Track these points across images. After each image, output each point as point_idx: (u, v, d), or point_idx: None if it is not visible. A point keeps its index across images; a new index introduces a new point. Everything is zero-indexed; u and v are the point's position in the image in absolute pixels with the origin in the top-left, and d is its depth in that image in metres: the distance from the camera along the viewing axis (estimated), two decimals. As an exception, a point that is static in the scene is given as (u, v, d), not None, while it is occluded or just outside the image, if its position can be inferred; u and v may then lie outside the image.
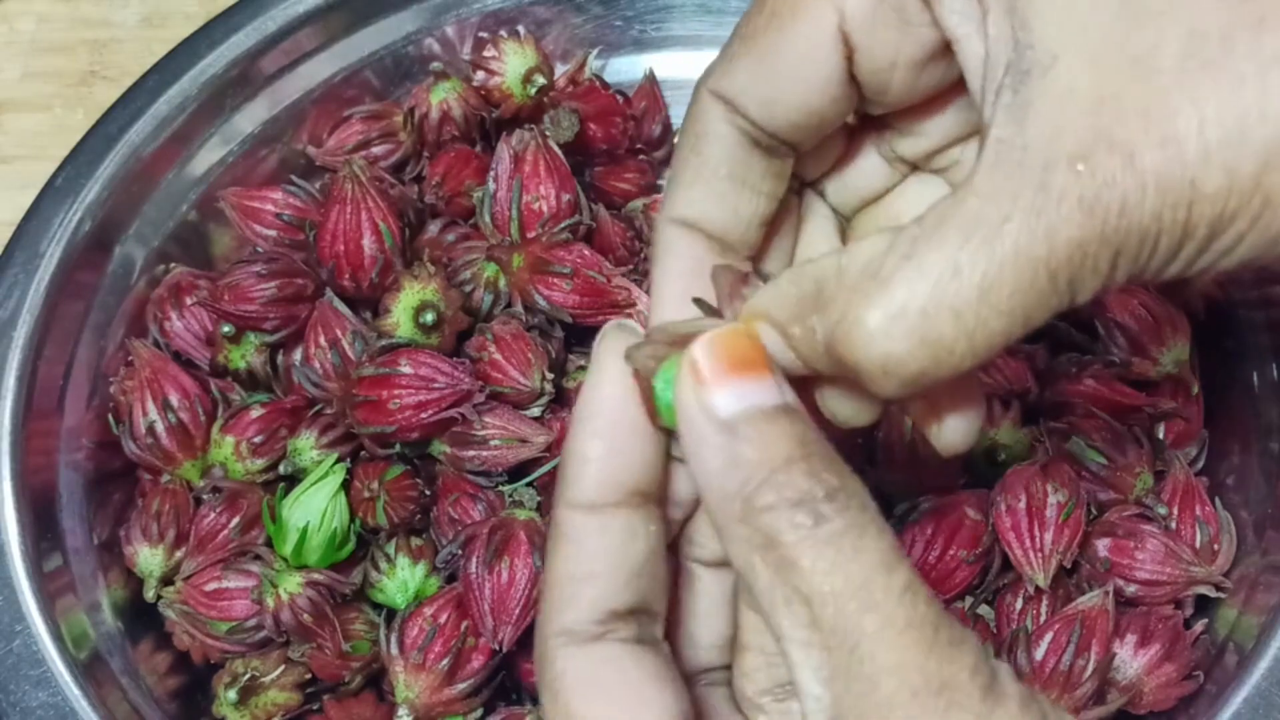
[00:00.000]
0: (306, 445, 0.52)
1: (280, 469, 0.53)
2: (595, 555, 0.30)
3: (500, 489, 0.52)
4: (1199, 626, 0.50)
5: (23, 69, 0.72)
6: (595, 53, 0.64)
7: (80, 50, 0.72)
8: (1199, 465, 0.55)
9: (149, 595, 0.52)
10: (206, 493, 0.53)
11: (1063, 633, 0.48)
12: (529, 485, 0.52)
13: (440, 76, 0.60)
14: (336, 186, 0.53)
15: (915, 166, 0.36)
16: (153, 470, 0.54)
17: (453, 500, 0.51)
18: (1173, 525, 0.51)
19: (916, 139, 0.35)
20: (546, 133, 0.56)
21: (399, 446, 0.51)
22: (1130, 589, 0.50)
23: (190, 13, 0.72)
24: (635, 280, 0.54)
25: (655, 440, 0.31)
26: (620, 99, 0.60)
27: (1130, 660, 0.49)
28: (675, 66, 0.65)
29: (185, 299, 0.56)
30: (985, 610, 0.52)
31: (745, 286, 0.30)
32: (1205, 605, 0.51)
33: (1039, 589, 0.49)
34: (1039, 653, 0.47)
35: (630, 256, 0.57)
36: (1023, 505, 0.49)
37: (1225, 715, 0.45)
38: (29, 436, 0.51)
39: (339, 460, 0.52)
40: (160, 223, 0.58)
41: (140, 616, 0.52)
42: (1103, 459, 0.52)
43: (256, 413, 0.53)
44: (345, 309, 0.53)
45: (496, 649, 0.48)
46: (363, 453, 0.53)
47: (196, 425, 0.54)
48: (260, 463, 0.53)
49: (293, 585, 0.49)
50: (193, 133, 0.58)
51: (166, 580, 0.52)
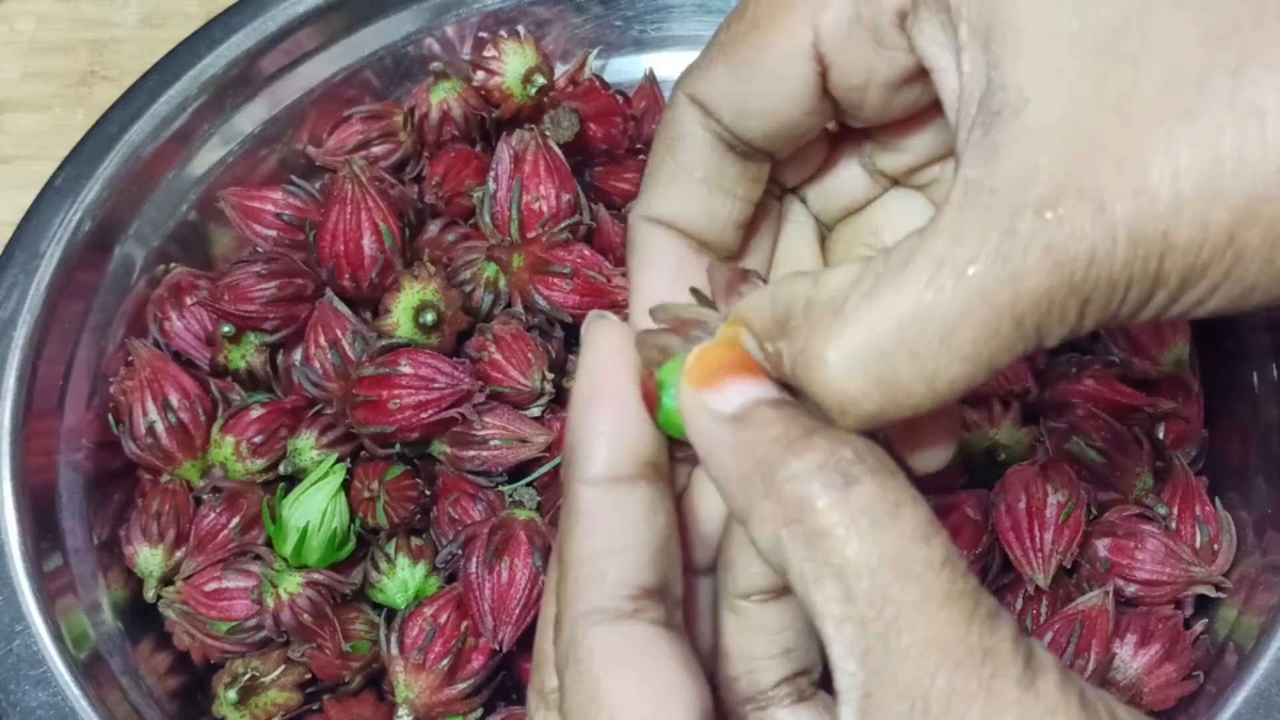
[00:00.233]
0: (306, 445, 0.52)
1: (280, 469, 0.53)
2: (620, 530, 0.29)
3: (500, 489, 0.52)
4: (1199, 626, 0.50)
5: (23, 69, 0.72)
6: (595, 53, 0.64)
7: (80, 50, 0.72)
8: (1199, 465, 0.55)
9: (149, 595, 0.52)
10: (206, 493, 0.53)
11: (1063, 633, 0.48)
12: (529, 485, 0.52)
13: (440, 76, 0.60)
14: (336, 186, 0.53)
15: (897, 181, 0.36)
16: (153, 470, 0.54)
17: (453, 500, 0.51)
18: (1173, 525, 0.51)
19: (897, 154, 0.34)
20: (546, 133, 0.56)
21: (399, 446, 0.51)
22: (1130, 589, 0.50)
23: (190, 13, 0.72)
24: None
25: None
26: (620, 99, 0.60)
27: (1130, 660, 0.49)
28: (675, 66, 0.65)
29: (185, 299, 0.56)
30: (985, 610, 0.51)
31: (743, 284, 0.30)
32: (1205, 605, 0.51)
33: (1039, 589, 0.49)
34: (1034, 639, 0.47)
35: (630, 256, 0.57)
36: (1023, 505, 0.49)
37: (1225, 715, 0.45)
38: (29, 436, 0.51)
39: (339, 460, 0.52)
40: (160, 223, 0.58)
41: (140, 616, 0.52)
42: (1103, 459, 0.52)
43: (256, 413, 0.53)
44: (345, 309, 0.53)
45: (496, 649, 0.48)
46: (363, 453, 0.53)
47: (196, 425, 0.54)
48: (260, 463, 0.53)
49: (293, 585, 0.49)
50: (193, 133, 0.58)
51: (166, 580, 0.52)
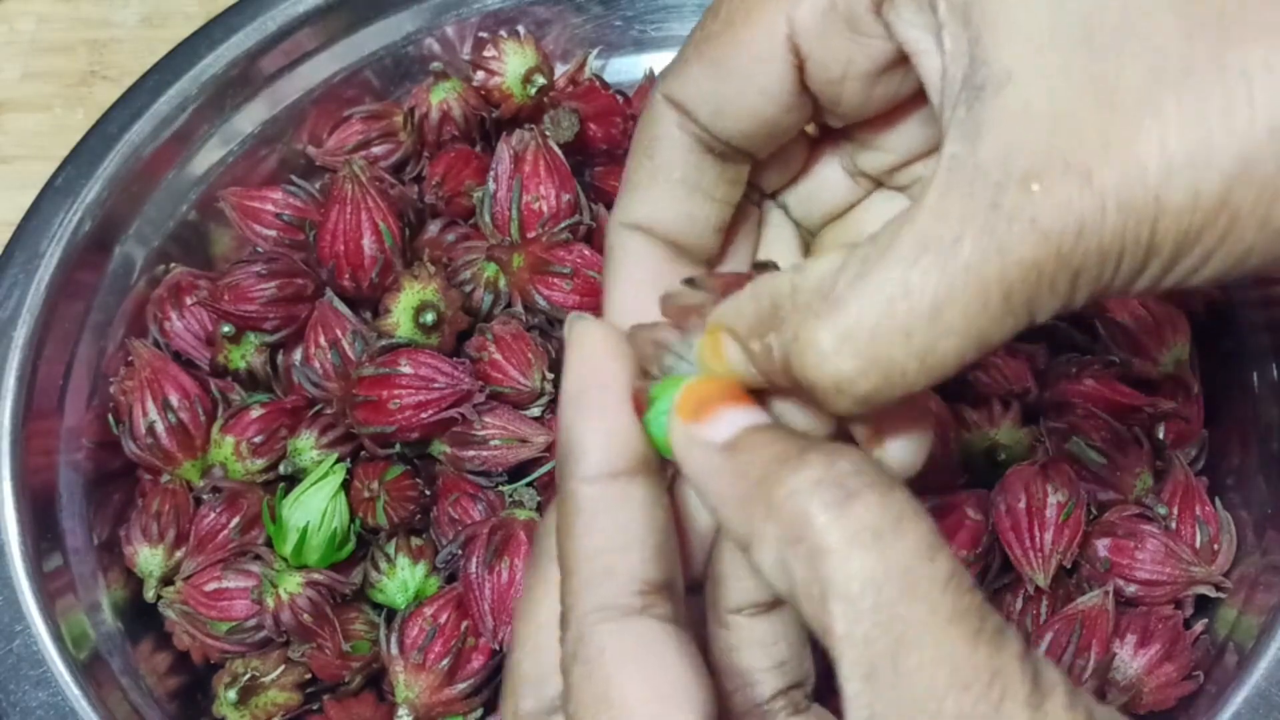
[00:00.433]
0: (306, 445, 0.52)
1: (280, 469, 0.53)
2: (623, 525, 0.29)
3: (500, 489, 0.52)
4: (1199, 626, 0.50)
5: (23, 69, 0.72)
6: (595, 53, 0.64)
7: (80, 50, 0.72)
8: (1199, 465, 0.54)
9: (149, 595, 0.52)
10: (206, 493, 0.53)
11: (1063, 633, 0.48)
12: (529, 485, 0.52)
13: (440, 76, 0.60)
14: (336, 186, 0.53)
15: (879, 183, 0.35)
16: (153, 470, 0.54)
17: (453, 500, 0.51)
18: (1173, 525, 0.51)
19: (877, 153, 0.34)
20: (546, 133, 0.56)
21: (399, 446, 0.51)
22: (1130, 589, 0.50)
23: (190, 13, 0.72)
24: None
25: None
26: (620, 99, 0.60)
27: (1130, 660, 0.49)
28: (675, 67, 0.65)
29: (185, 299, 0.56)
30: (985, 610, 0.51)
31: (743, 283, 0.30)
32: (1205, 605, 0.51)
33: (1039, 589, 0.49)
34: (1039, 652, 0.47)
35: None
36: (1023, 505, 0.49)
37: (1225, 715, 0.45)
38: (29, 436, 0.51)
39: (339, 460, 0.52)
40: (160, 223, 0.58)
41: (140, 616, 0.52)
42: (1103, 459, 0.52)
43: (256, 413, 0.53)
44: (345, 309, 0.53)
45: (496, 649, 0.48)
46: (363, 453, 0.53)
47: (196, 425, 0.54)
48: (260, 463, 0.53)
49: (293, 585, 0.49)
50: (193, 133, 0.58)
51: (166, 580, 0.52)
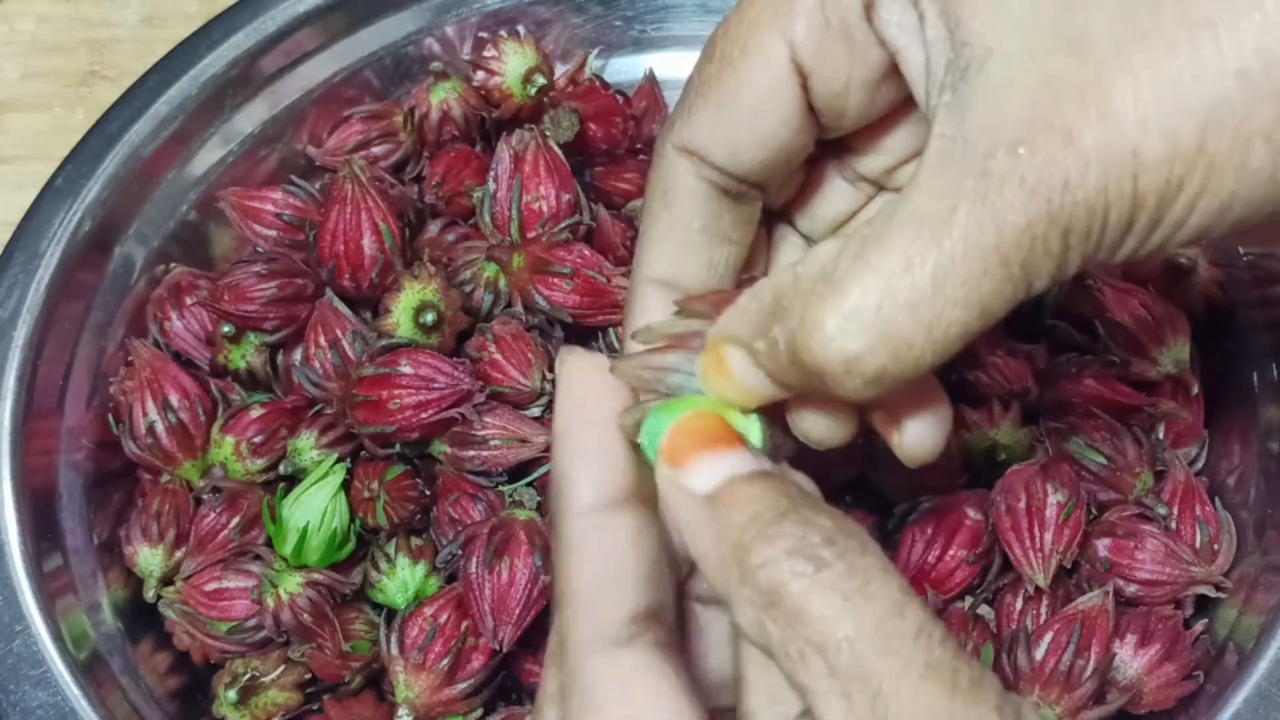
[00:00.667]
0: (306, 445, 0.52)
1: (280, 469, 0.53)
2: (612, 556, 0.29)
3: (500, 489, 0.52)
4: (1199, 626, 0.50)
5: (23, 69, 0.72)
6: (595, 53, 0.64)
7: (80, 50, 0.72)
8: (1199, 465, 0.55)
9: (149, 595, 0.52)
10: (206, 493, 0.53)
11: (1063, 633, 0.48)
12: (529, 485, 0.52)
13: (440, 76, 0.60)
14: (336, 186, 0.53)
15: (880, 186, 0.36)
16: (153, 470, 0.54)
17: (453, 500, 0.51)
18: (1173, 525, 0.51)
19: (875, 156, 0.35)
20: (546, 133, 0.56)
21: (399, 446, 0.51)
22: (1130, 589, 0.50)
23: (190, 13, 0.72)
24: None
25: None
26: (620, 99, 0.60)
27: (1130, 660, 0.49)
28: (675, 66, 0.65)
29: (185, 299, 0.56)
30: (985, 610, 0.52)
31: (734, 297, 0.31)
32: (1205, 605, 0.51)
33: (1039, 589, 0.49)
34: (1039, 653, 0.47)
35: (630, 256, 0.56)
36: (1023, 505, 0.49)
37: (1225, 715, 0.45)
38: (29, 436, 0.51)
39: (339, 460, 0.52)
40: (160, 223, 0.58)
41: (140, 616, 0.52)
42: (1103, 459, 0.52)
43: (256, 413, 0.53)
44: (345, 309, 0.53)
45: (496, 649, 0.48)
46: (363, 453, 0.53)
47: (196, 425, 0.54)
48: (260, 463, 0.53)
49: (293, 585, 0.49)
50: (193, 133, 0.58)
51: (166, 580, 0.52)
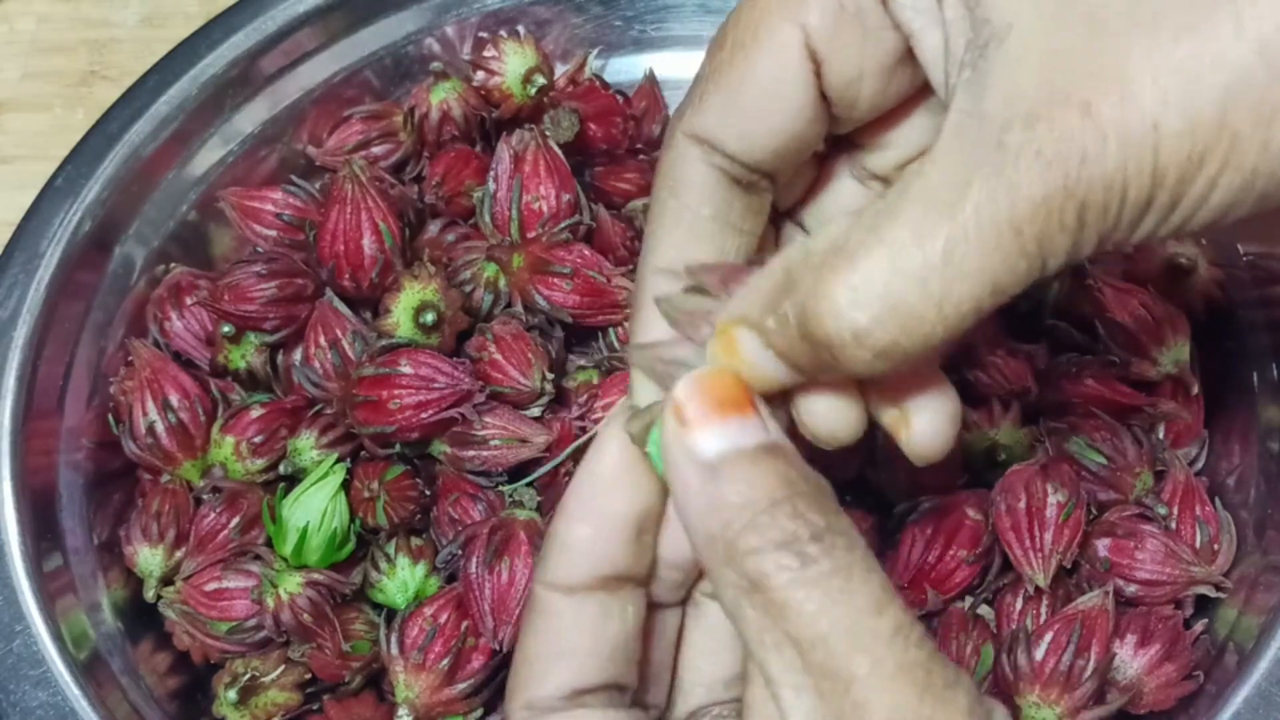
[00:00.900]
0: (306, 445, 0.52)
1: (280, 469, 0.53)
2: (569, 634, 0.30)
3: (500, 489, 0.52)
4: (1199, 626, 0.50)
5: (23, 69, 0.72)
6: (595, 53, 0.64)
7: (80, 50, 0.72)
8: (1199, 465, 0.55)
9: (149, 595, 0.52)
10: (206, 493, 0.53)
11: (1063, 633, 0.48)
12: (529, 485, 0.52)
13: (440, 76, 0.60)
14: (336, 186, 0.53)
15: (890, 183, 0.35)
16: (153, 470, 0.54)
17: (453, 500, 0.51)
18: (1173, 525, 0.51)
19: (885, 152, 0.34)
20: (546, 133, 0.56)
21: (399, 446, 0.51)
22: (1130, 589, 0.50)
23: (190, 13, 0.72)
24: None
25: (643, 528, 0.31)
26: (620, 99, 0.60)
27: (1130, 660, 0.49)
28: (675, 66, 0.65)
29: (185, 299, 0.56)
30: (985, 610, 0.52)
31: (744, 273, 0.30)
32: (1205, 605, 0.51)
33: (1039, 589, 0.49)
34: (1039, 653, 0.47)
35: (630, 256, 0.57)
36: (1023, 505, 0.49)
37: (1225, 715, 0.45)
38: (29, 436, 0.51)
39: (339, 460, 0.52)
40: (160, 223, 0.58)
41: (140, 616, 0.52)
42: (1103, 459, 0.52)
43: (256, 413, 0.53)
44: (345, 309, 0.53)
45: (496, 649, 0.48)
46: (363, 453, 0.53)
47: (196, 425, 0.53)
48: (260, 463, 0.53)
49: (293, 585, 0.49)
50: (193, 133, 0.58)
51: (166, 580, 0.52)
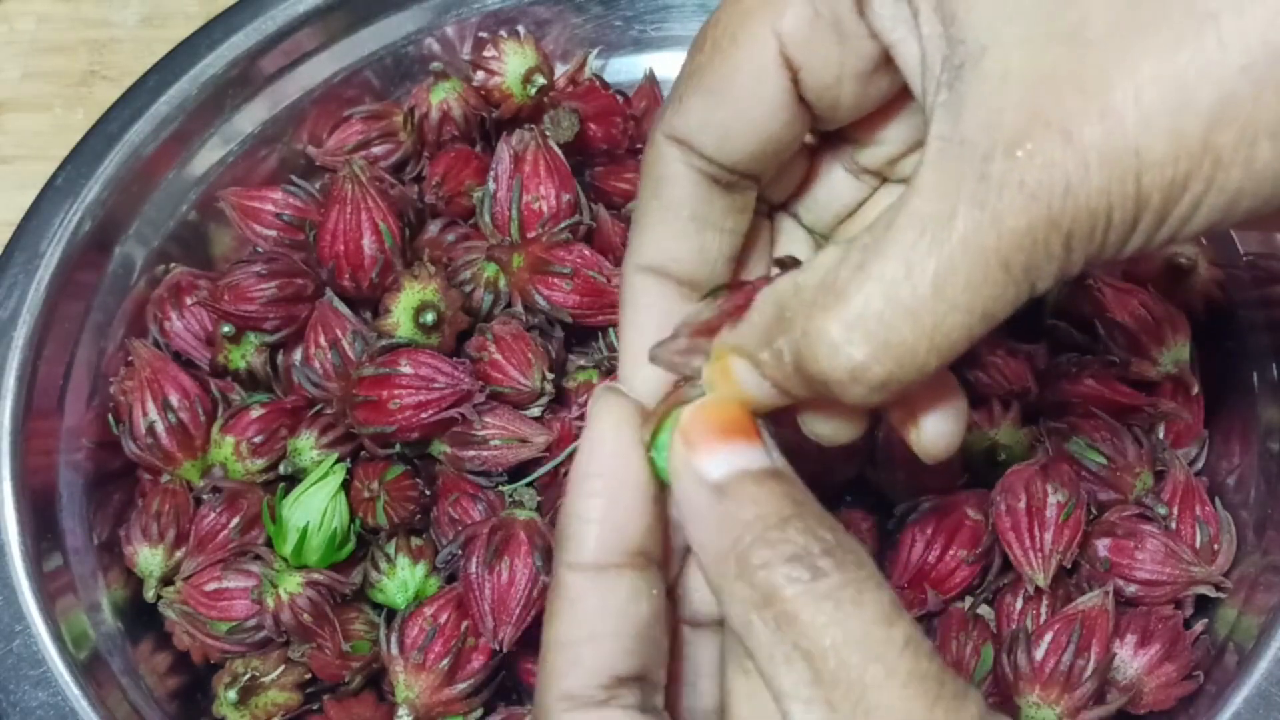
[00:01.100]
0: (306, 445, 0.52)
1: (280, 469, 0.53)
2: (599, 617, 0.29)
3: (500, 489, 0.52)
4: (1199, 626, 0.50)
5: (23, 69, 0.72)
6: (595, 53, 0.64)
7: (80, 50, 0.72)
8: (1199, 465, 0.55)
9: (149, 595, 0.52)
10: (206, 493, 0.53)
11: (1063, 633, 0.48)
12: (529, 485, 0.52)
13: (440, 76, 0.60)
14: (336, 186, 0.53)
15: (883, 178, 0.36)
16: (153, 470, 0.54)
17: (453, 500, 0.51)
18: (1173, 525, 0.51)
19: (876, 148, 0.34)
20: (546, 133, 0.56)
21: (399, 446, 0.51)
22: (1130, 589, 0.50)
23: (190, 13, 0.72)
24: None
25: (654, 500, 0.30)
26: (620, 99, 0.60)
27: (1130, 660, 0.49)
28: (675, 66, 0.63)
29: (185, 299, 0.56)
30: (985, 610, 0.52)
31: (716, 324, 0.31)
32: (1205, 605, 0.51)
33: (1039, 589, 0.49)
34: (1039, 653, 0.47)
35: (630, 256, 0.57)
36: (1023, 505, 0.49)
37: (1225, 715, 0.45)
38: (29, 436, 0.51)
39: (339, 460, 0.52)
40: (160, 223, 0.58)
41: (140, 616, 0.52)
42: (1103, 459, 0.52)
43: (256, 413, 0.53)
44: (345, 309, 0.53)
45: (496, 649, 0.48)
46: (363, 453, 0.53)
47: (196, 425, 0.54)
48: (260, 463, 0.53)
49: (293, 585, 0.49)
50: (193, 133, 0.58)
51: (166, 580, 0.52)
